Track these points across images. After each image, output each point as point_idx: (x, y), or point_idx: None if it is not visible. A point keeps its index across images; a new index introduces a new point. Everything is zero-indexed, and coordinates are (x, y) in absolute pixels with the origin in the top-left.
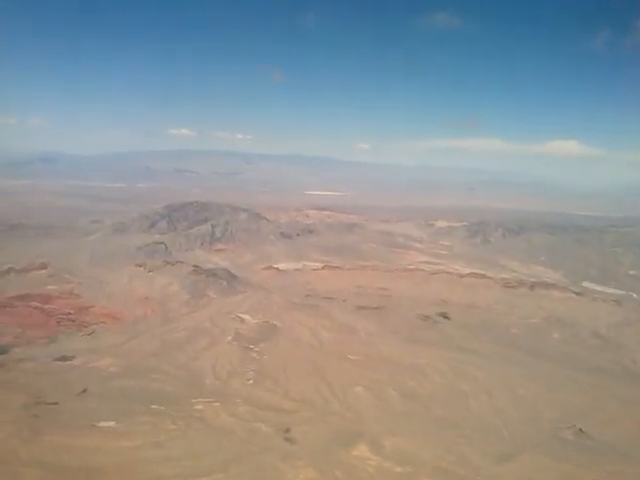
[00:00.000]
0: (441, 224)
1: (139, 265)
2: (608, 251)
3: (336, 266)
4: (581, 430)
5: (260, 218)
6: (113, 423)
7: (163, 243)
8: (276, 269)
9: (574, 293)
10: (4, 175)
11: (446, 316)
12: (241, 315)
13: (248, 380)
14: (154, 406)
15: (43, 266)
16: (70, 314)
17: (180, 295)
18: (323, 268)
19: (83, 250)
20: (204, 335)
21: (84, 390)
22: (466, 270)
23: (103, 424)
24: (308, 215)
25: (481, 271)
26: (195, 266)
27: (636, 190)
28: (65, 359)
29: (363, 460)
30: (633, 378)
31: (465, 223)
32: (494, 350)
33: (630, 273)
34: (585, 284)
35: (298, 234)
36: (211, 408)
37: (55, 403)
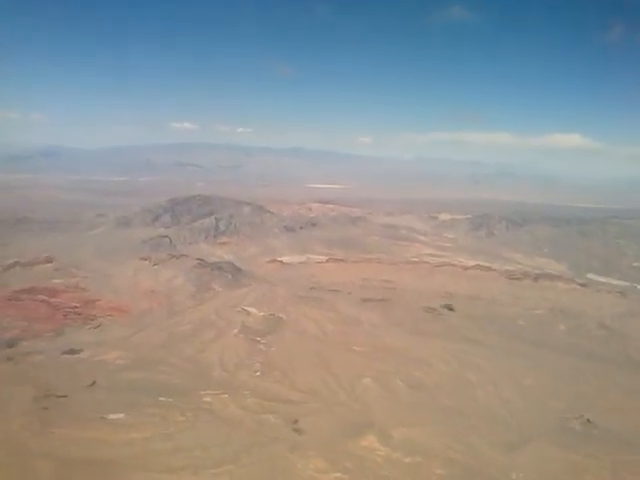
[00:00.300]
0: (445, 217)
1: (144, 258)
2: (611, 243)
3: (340, 259)
4: (588, 420)
5: (264, 211)
6: (122, 415)
7: (167, 237)
8: (280, 262)
9: (578, 285)
10: (7, 169)
11: (451, 308)
12: (247, 308)
13: (255, 372)
14: (162, 398)
15: (48, 260)
16: (76, 307)
17: (185, 288)
18: (327, 261)
19: (88, 244)
20: (210, 328)
21: (93, 383)
22: (470, 262)
23: (112, 416)
24: (311, 208)
25: (485, 263)
26: (200, 259)
27: (637, 183)
28: (73, 352)
29: (372, 451)
30: (638, 368)
31: (469, 216)
32: (499, 341)
33: (634, 265)
34: (589, 276)
35: (302, 227)
36: (219, 400)
37: (64, 396)
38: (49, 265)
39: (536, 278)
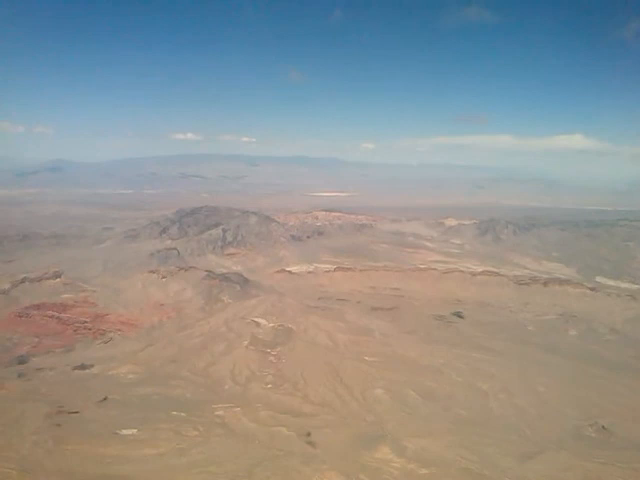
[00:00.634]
0: (451, 222)
1: (152, 271)
2: (620, 245)
3: (348, 267)
4: (603, 427)
5: (270, 221)
6: (135, 431)
7: (175, 249)
8: (288, 272)
9: (588, 289)
10: (14, 184)
11: (460, 315)
12: (256, 319)
13: (267, 384)
14: (175, 412)
15: (57, 275)
16: (86, 322)
17: (195, 300)
18: (335, 270)
19: (96, 258)
20: (221, 340)
21: (105, 398)
22: (479, 268)
23: (125, 432)
24: (317, 217)
25: (494, 269)
26: (208, 271)
27: None
28: (84, 367)
29: (387, 462)
30: None
31: (475, 221)
32: (510, 348)
33: None
34: (598, 279)
35: (308, 236)
36: (232, 413)
37: (77, 412)
38: (58, 280)
39: (545, 283)
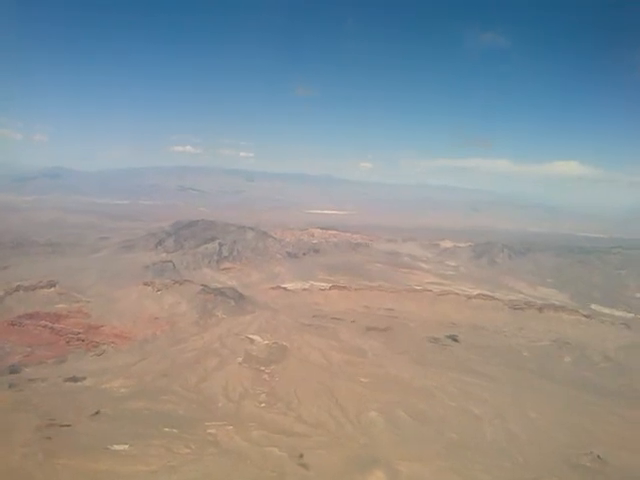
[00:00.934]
0: (446, 244)
1: (147, 284)
2: (613, 273)
3: (343, 286)
4: (598, 456)
5: (266, 237)
6: (127, 446)
7: (171, 261)
8: (284, 289)
9: (583, 315)
10: (10, 191)
11: (455, 338)
12: (250, 336)
13: (260, 403)
14: (167, 429)
15: (52, 284)
16: (80, 333)
17: (189, 315)
18: (330, 288)
19: (91, 268)
20: (214, 356)
21: (96, 412)
22: (474, 291)
23: (117, 447)
24: (313, 234)
25: (489, 292)
26: (203, 285)
27: (638, 211)
28: (76, 380)
29: None
30: None
31: (470, 243)
32: (504, 373)
33: (637, 296)
34: (593, 306)
35: (304, 253)
36: (224, 431)
37: (68, 425)
38: (52, 289)
39: (540, 308)
